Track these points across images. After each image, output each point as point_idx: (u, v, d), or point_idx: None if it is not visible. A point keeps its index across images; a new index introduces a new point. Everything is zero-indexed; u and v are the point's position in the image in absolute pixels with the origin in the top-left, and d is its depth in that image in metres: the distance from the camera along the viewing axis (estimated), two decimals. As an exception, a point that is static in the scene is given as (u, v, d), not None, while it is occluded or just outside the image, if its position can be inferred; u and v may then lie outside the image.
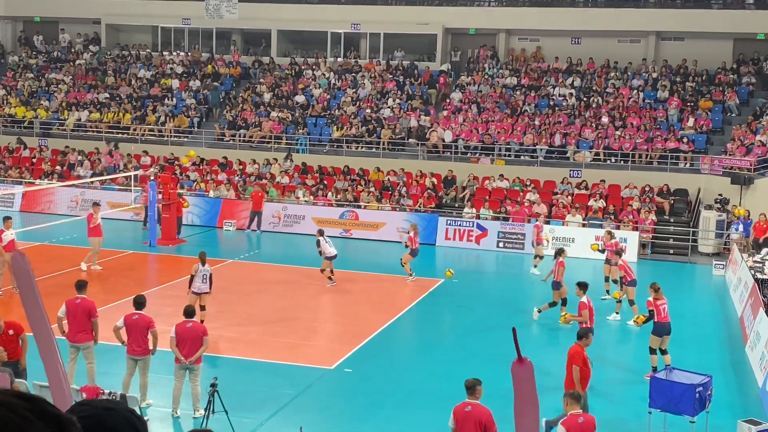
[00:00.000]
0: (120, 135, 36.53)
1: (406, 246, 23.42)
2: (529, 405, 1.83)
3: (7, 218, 20.80)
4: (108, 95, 38.88)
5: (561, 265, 19.47)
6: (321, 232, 22.52)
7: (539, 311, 19.61)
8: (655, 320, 15.61)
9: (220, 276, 23.36)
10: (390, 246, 27.28)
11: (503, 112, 34.52)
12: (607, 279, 22.36)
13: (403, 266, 23.01)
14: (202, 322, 14.94)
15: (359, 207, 30.01)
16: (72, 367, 13.68)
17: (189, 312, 13.32)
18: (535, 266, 24.61)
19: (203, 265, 17.67)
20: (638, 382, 15.38)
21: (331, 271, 22.16)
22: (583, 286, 16.12)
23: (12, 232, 20.44)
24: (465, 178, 31.59)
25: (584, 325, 15.01)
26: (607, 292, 21.84)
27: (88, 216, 23.35)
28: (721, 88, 34.10)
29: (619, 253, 21.31)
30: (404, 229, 25.62)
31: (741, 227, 27.25)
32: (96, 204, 24.21)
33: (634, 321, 17.86)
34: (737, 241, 26.51)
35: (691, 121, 32.37)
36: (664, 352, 15.85)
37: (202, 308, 17.41)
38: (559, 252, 20.07)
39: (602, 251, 22.70)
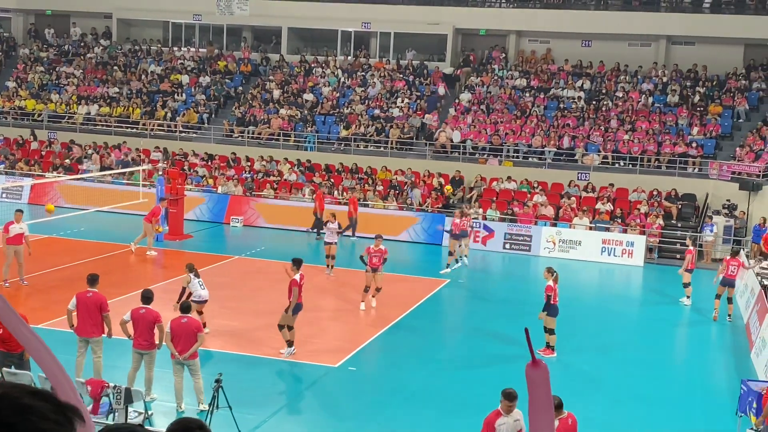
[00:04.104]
0: (129, 129, 36.65)
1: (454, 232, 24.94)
2: (544, 409, 1.78)
3: (18, 211, 20.86)
4: (118, 90, 38.99)
5: (742, 265, 21.10)
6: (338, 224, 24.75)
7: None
8: (552, 303, 16.51)
9: (226, 272, 23.43)
10: (395, 245, 27.27)
11: (512, 114, 34.48)
12: (451, 253, 24.56)
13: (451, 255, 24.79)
14: (204, 325, 14.90)
15: (366, 206, 30.02)
16: (81, 360, 13.73)
17: (185, 307, 13.44)
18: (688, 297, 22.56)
19: (197, 277, 16.78)
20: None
21: (332, 257, 23.77)
22: (296, 263, 16.11)
23: (21, 225, 20.30)
24: (473, 179, 31.58)
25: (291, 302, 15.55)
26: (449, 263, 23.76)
27: (159, 209, 25.31)
28: (731, 94, 33.98)
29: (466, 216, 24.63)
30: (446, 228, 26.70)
31: (720, 228, 27.45)
32: (164, 200, 26.35)
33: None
34: (709, 243, 26.81)
35: (696, 130, 32.30)
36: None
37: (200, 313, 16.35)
38: (736, 253, 21.51)
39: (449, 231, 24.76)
